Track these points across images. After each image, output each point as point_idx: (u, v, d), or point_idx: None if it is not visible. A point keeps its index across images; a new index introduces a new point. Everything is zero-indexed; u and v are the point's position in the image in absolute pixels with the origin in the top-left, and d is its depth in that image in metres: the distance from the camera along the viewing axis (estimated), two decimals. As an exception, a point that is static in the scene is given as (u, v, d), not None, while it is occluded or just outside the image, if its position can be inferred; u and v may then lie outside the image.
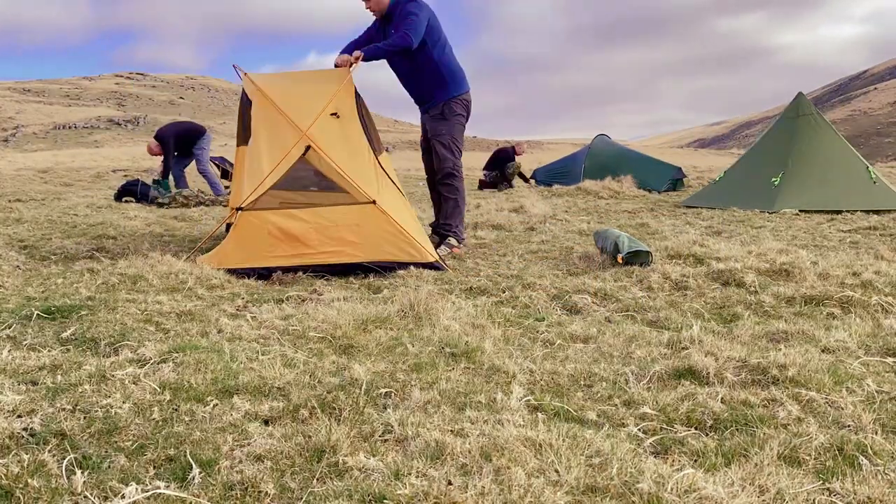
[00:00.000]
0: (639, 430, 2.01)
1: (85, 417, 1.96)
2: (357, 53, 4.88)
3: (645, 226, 6.98)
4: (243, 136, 5.15)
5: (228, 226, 4.67)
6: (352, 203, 4.43)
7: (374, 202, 4.39)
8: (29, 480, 1.60)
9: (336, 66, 5.00)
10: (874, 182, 8.74)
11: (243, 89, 5.21)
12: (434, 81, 5.25)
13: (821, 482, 1.71)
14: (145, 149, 11.30)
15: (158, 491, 1.59)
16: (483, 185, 13.86)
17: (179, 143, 10.36)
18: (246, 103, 5.14)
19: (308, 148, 4.42)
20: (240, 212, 4.35)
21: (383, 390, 2.23)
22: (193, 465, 1.70)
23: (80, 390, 2.14)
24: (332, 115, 4.69)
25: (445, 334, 2.86)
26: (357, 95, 5.00)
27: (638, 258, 4.38)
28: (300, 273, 4.29)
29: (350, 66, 4.86)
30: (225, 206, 8.14)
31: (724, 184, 9.68)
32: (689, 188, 13.10)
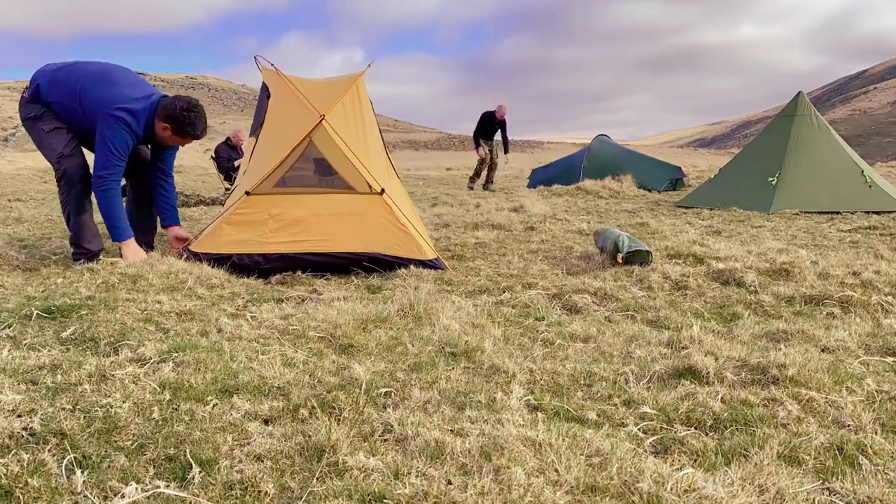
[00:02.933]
0: (639, 429, 2.01)
1: (85, 417, 1.96)
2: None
3: (645, 225, 6.98)
4: (257, 126, 5.17)
5: None
6: (358, 192, 4.43)
7: (382, 192, 4.38)
8: (29, 480, 1.60)
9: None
10: (869, 186, 8.76)
11: (263, 81, 5.22)
12: None
13: (821, 482, 1.71)
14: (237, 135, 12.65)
15: (158, 490, 1.59)
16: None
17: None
18: (264, 96, 5.15)
19: (322, 118, 4.42)
20: (247, 196, 4.34)
21: (383, 390, 2.23)
22: (193, 465, 1.70)
23: (79, 390, 2.14)
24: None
25: (445, 334, 2.86)
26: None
27: (638, 257, 4.38)
28: (300, 272, 4.29)
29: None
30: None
31: (722, 182, 9.69)
32: (689, 188, 13.10)
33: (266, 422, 2.00)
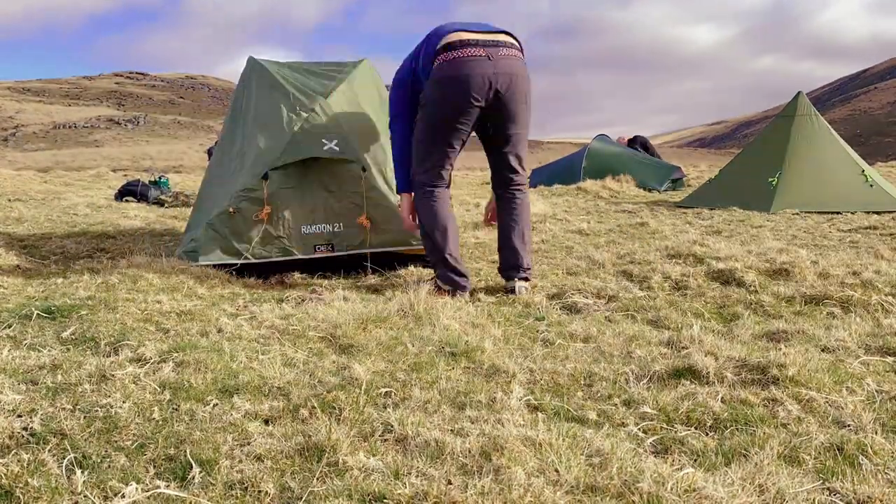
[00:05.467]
0: (639, 429, 2.02)
1: (85, 417, 1.96)
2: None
3: (645, 225, 6.98)
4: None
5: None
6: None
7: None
8: (29, 480, 1.60)
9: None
10: (870, 185, 8.77)
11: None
12: None
13: (821, 482, 1.71)
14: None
15: (158, 490, 1.59)
16: None
17: None
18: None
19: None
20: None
21: (383, 390, 2.23)
22: (193, 465, 1.70)
23: (79, 390, 2.14)
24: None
25: (445, 334, 2.86)
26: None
27: None
28: (297, 273, 4.29)
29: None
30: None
31: (722, 183, 9.69)
32: (688, 188, 13.10)
33: (266, 422, 2.00)
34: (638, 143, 15.15)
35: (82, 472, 1.64)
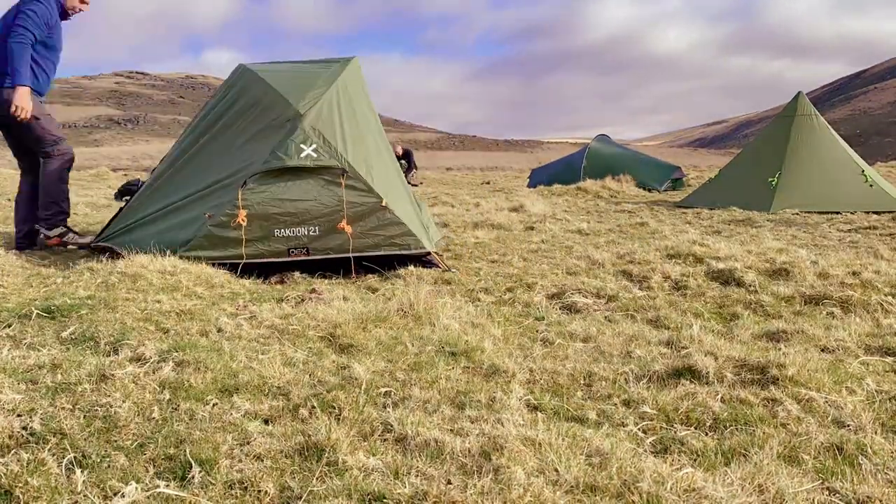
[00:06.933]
0: (638, 429, 2.02)
1: (84, 416, 1.96)
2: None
3: (644, 225, 6.98)
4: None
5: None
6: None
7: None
8: (29, 479, 1.60)
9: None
10: (870, 185, 8.78)
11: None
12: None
13: (821, 481, 1.71)
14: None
15: (158, 490, 1.59)
16: None
17: None
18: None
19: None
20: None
21: (383, 389, 2.23)
22: (193, 464, 1.70)
23: (79, 389, 2.14)
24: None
25: (445, 333, 2.86)
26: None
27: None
28: (297, 273, 4.29)
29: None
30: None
31: (722, 182, 9.70)
32: (688, 188, 13.11)
33: (266, 421, 2.00)
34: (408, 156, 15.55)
35: (82, 472, 1.64)
